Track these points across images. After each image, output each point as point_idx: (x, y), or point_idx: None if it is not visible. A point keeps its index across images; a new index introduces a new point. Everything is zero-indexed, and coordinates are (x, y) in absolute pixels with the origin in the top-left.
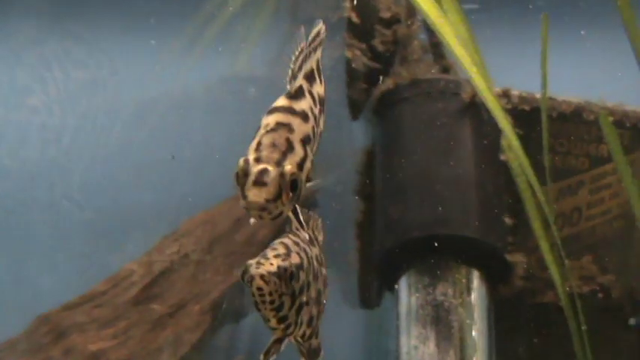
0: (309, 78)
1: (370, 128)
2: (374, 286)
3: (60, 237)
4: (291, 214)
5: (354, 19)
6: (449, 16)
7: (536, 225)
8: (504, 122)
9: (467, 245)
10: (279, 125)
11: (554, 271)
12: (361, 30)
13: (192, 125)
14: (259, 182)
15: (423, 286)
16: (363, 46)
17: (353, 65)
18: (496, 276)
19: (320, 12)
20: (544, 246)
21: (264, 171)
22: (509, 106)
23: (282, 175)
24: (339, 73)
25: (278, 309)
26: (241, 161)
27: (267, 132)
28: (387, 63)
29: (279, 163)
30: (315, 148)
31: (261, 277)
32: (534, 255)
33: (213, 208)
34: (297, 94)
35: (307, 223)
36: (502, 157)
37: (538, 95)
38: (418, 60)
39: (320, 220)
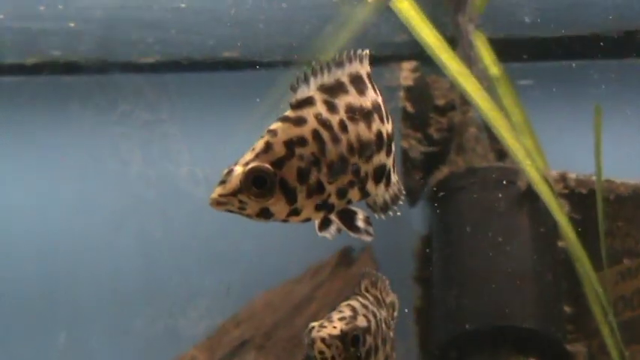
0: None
1: (427, 215)
2: None
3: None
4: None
5: (409, 108)
6: (504, 100)
7: (596, 309)
8: (559, 214)
9: (526, 336)
10: (267, 132)
11: (615, 356)
12: (416, 119)
13: None
14: (222, 182)
15: None
16: (419, 135)
17: (409, 154)
18: None
19: None
20: (604, 330)
21: (230, 171)
22: (566, 191)
23: (247, 171)
24: (396, 163)
25: None
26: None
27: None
28: (443, 150)
29: (247, 164)
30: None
31: (323, 340)
32: (596, 339)
33: (273, 291)
34: (300, 104)
35: (376, 285)
36: (560, 244)
37: (594, 178)
38: (474, 147)
39: (388, 282)
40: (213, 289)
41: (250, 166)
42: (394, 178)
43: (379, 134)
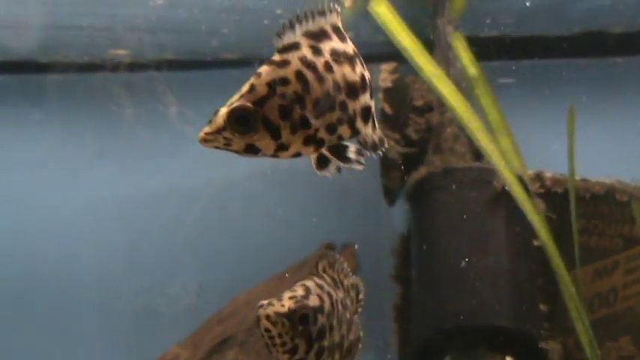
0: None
1: (406, 214)
2: None
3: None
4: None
5: (387, 110)
6: (482, 99)
7: (572, 307)
8: (533, 214)
9: (501, 334)
10: (254, 75)
11: (590, 353)
12: (394, 120)
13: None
14: (209, 121)
15: None
16: (397, 136)
17: (388, 155)
18: None
19: None
20: (580, 328)
21: (216, 112)
22: (542, 190)
23: (229, 111)
24: (374, 163)
25: (292, 351)
26: None
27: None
28: (421, 151)
29: (231, 104)
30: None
31: (267, 317)
32: (572, 337)
33: (256, 288)
34: (286, 48)
35: (333, 266)
36: (536, 243)
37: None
38: (452, 147)
39: (345, 264)
40: (194, 288)
41: (233, 105)
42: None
43: (362, 76)
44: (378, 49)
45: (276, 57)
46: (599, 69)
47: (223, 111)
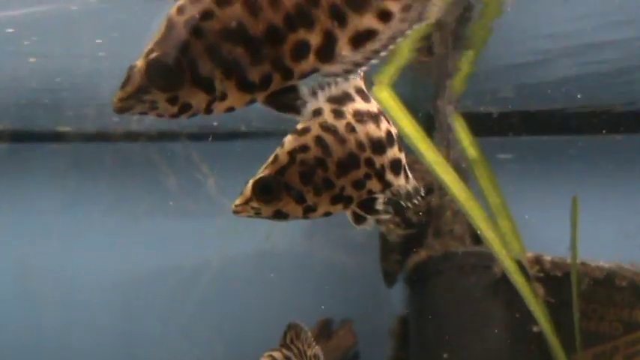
0: None
1: (405, 297)
2: None
3: None
4: None
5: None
6: (481, 182)
7: None
8: (533, 302)
9: None
10: (279, 145)
11: None
12: (394, 202)
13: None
14: (240, 193)
15: None
16: (397, 219)
17: (387, 238)
18: None
19: None
20: None
21: (246, 183)
22: (541, 274)
23: (254, 182)
24: (373, 246)
25: None
26: None
27: None
28: (421, 233)
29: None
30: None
31: None
32: None
33: None
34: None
35: (299, 337)
36: (535, 329)
37: (570, 260)
38: (451, 230)
39: (309, 334)
40: None
41: (257, 177)
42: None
43: (388, 132)
44: None
45: (299, 125)
46: (598, 146)
47: (249, 183)
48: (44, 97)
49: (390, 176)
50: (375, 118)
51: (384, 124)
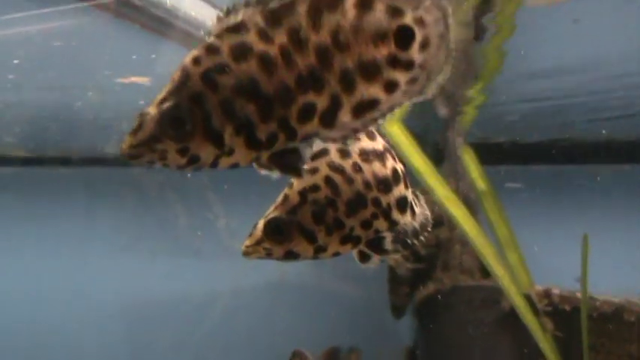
0: None
1: (413, 329)
2: None
3: None
4: None
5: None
6: (490, 214)
7: None
8: (541, 338)
9: None
10: (287, 185)
11: None
12: (402, 240)
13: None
14: (249, 234)
15: None
16: (406, 252)
17: (396, 272)
18: None
19: None
20: None
21: (255, 225)
22: (550, 308)
23: (266, 222)
24: (382, 278)
25: None
26: None
27: None
28: (430, 266)
29: (267, 216)
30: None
31: None
32: None
33: None
34: (315, 155)
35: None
36: None
37: (579, 294)
38: (460, 264)
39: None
40: None
41: (269, 217)
42: (418, 209)
43: (394, 170)
44: None
45: (307, 165)
46: (607, 175)
47: (260, 224)
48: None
49: (396, 215)
50: (380, 156)
51: (389, 162)
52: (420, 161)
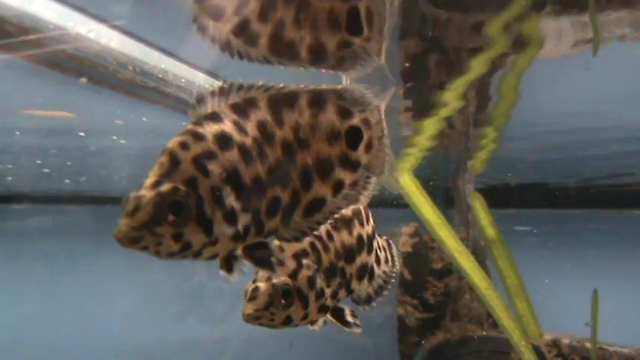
0: None
1: None
2: None
3: None
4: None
5: (407, 275)
6: (499, 262)
7: None
8: None
9: None
10: (275, 247)
11: None
12: (413, 285)
13: None
14: (252, 298)
15: None
16: (415, 301)
17: (405, 321)
18: None
19: None
20: None
21: (256, 288)
22: (559, 358)
23: (272, 286)
24: (391, 327)
25: None
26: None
27: None
28: (439, 315)
29: (269, 279)
30: (330, 257)
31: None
32: None
33: None
34: None
35: None
36: None
37: (588, 344)
38: (469, 313)
39: None
40: None
41: (274, 282)
42: (378, 270)
43: (359, 237)
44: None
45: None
46: (616, 220)
47: (265, 288)
48: None
49: (354, 284)
50: (348, 223)
51: (355, 230)
52: (430, 212)
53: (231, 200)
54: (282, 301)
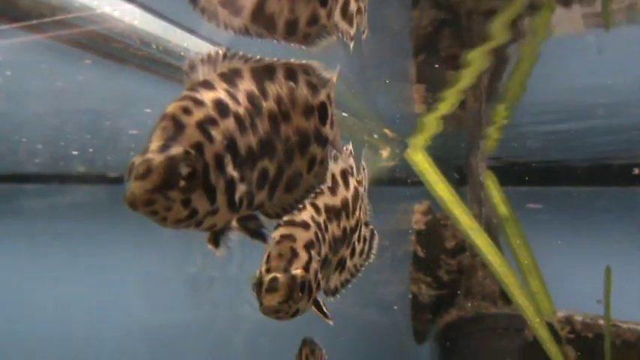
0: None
1: (434, 355)
2: None
3: None
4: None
5: (420, 253)
6: (512, 240)
7: None
8: None
9: None
10: (283, 237)
11: None
12: (426, 262)
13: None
14: (271, 289)
15: None
16: (429, 279)
17: (419, 299)
18: None
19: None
20: None
21: (275, 279)
22: (572, 335)
23: (292, 278)
24: (405, 305)
25: None
26: (257, 273)
27: (275, 244)
28: (452, 292)
29: (286, 270)
30: (325, 249)
31: None
32: None
33: None
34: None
35: (314, 353)
36: None
37: (601, 321)
38: (482, 291)
39: (324, 352)
40: None
41: (292, 274)
42: (350, 263)
43: (344, 230)
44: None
45: (290, 218)
46: (629, 198)
47: (284, 279)
48: None
49: (333, 275)
50: (337, 214)
51: (342, 222)
52: (444, 190)
53: (230, 169)
54: (300, 294)
